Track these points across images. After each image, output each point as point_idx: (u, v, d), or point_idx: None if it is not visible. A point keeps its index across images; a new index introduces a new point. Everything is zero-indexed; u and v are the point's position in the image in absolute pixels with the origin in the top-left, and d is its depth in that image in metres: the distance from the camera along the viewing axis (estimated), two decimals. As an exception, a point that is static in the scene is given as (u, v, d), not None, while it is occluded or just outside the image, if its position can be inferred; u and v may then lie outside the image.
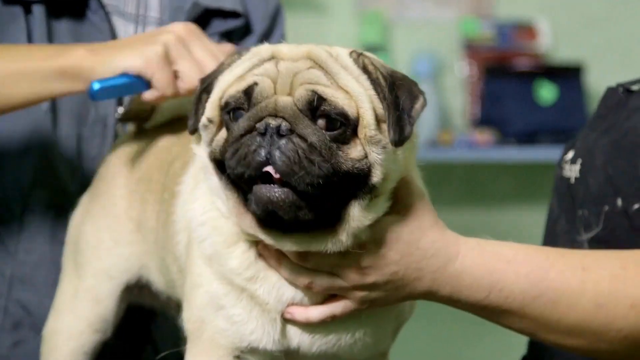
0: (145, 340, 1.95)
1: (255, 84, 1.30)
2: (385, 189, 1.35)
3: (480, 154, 4.10)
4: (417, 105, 1.33)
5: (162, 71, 1.62)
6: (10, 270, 1.86)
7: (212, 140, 1.34)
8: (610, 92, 1.69)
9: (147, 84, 1.65)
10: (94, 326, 1.71)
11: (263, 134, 1.27)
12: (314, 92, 1.29)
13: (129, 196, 1.71)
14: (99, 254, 1.71)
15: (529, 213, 4.47)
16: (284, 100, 1.29)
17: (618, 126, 1.59)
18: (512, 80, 4.16)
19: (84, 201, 1.79)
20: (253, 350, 1.42)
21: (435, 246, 1.37)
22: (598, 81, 4.42)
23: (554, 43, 4.45)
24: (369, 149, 1.30)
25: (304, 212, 1.28)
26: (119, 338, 1.79)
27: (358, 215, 1.32)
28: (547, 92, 4.17)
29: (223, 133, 1.33)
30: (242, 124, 1.29)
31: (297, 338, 1.42)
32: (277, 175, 1.26)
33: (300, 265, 1.36)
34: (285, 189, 1.26)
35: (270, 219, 1.30)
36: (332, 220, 1.32)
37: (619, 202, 1.52)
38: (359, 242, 1.34)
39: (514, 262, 1.37)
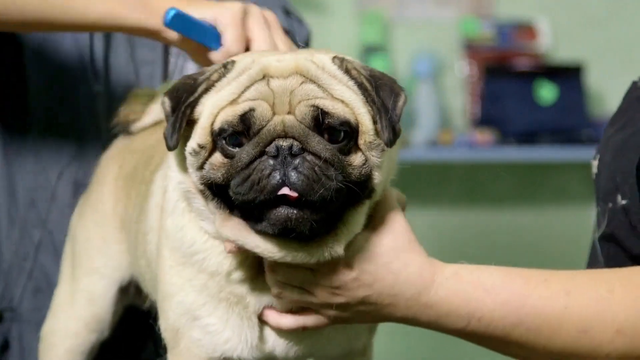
0: (147, 336, 1.95)
1: (252, 109, 1.28)
2: (380, 192, 1.36)
3: (480, 154, 4.10)
4: (400, 103, 1.33)
5: (236, 28, 1.60)
6: (39, 235, 1.89)
7: (202, 165, 1.32)
8: (633, 86, 1.64)
9: (218, 41, 1.62)
10: (90, 326, 1.71)
11: (275, 157, 1.26)
12: (317, 107, 1.28)
13: (117, 193, 1.71)
14: (90, 253, 1.71)
15: (529, 213, 4.47)
16: (290, 119, 1.28)
17: (633, 122, 1.56)
18: (512, 80, 4.16)
19: (80, 201, 1.80)
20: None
21: (409, 270, 1.34)
22: (598, 81, 4.42)
23: (554, 43, 4.45)
24: (368, 154, 1.31)
25: (317, 226, 1.28)
26: (119, 334, 1.79)
27: (356, 222, 1.33)
28: (547, 92, 4.17)
29: (218, 157, 1.31)
30: (249, 150, 1.27)
31: (274, 342, 1.42)
32: (294, 195, 1.25)
33: (271, 273, 1.36)
34: (300, 209, 1.26)
35: (281, 235, 1.29)
36: (330, 229, 1.32)
37: (619, 198, 1.50)
38: (331, 260, 1.33)
39: (491, 290, 1.34)
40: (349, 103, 1.31)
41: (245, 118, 1.28)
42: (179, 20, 1.58)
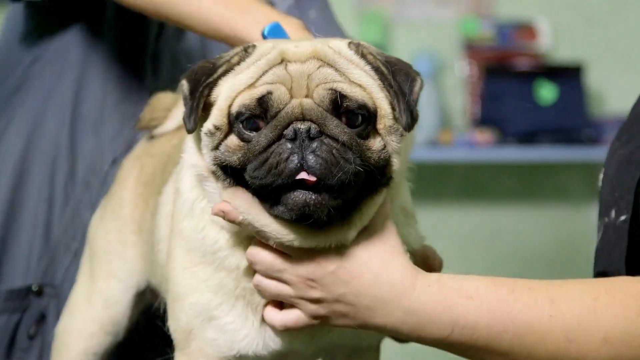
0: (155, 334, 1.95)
1: (270, 92, 1.28)
2: (397, 180, 1.35)
3: (480, 154, 4.09)
4: (417, 87, 1.34)
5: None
6: (89, 218, 1.89)
7: (217, 146, 1.32)
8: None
9: None
10: (106, 328, 1.72)
11: (293, 139, 1.25)
12: (335, 90, 1.28)
13: (136, 199, 1.72)
14: (109, 256, 1.72)
15: (529, 213, 4.47)
16: (308, 102, 1.28)
17: (638, 137, 1.52)
18: (512, 80, 4.16)
19: (102, 204, 1.80)
20: (242, 358, 1.41)
21: (389, 271, 1.32)
22: (598, 81, 4.42)
23: (554, 43, 4.45)
24: (388, 139, 1.31)
25: (335, 212, 1.27)
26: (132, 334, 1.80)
27: (371, 211, 1.32)
28: (547, 92, 4.17)
29: (234, 140, 1.31)
30: (267, 133, 1.27)
31: (290, 337, 1.41)
32: (312, 179, 1.24)
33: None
34: (319, 193, 1.25)
35: (297, 221, 1.28)
36: (346, 216, 1.32)
37: (613, 213, 1.47)
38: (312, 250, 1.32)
39: (475, 298, 1.31)
40: (367, 87, 1.31)
41: (263, 101, 1.28)
42: (274, 33, 1.62)
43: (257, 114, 1.29)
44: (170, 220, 1.50)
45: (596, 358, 1.29)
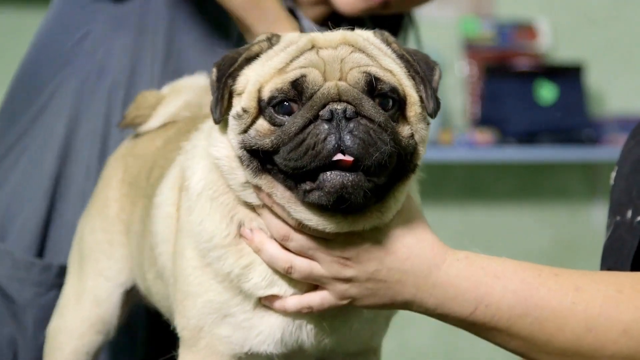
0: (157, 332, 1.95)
1: (304, 75, 1.29)
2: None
3: (480, 153, 4.09)
4: (436, 76, 1.39)
5: None
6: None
7: (246, 130, 1.31)
8: None
9: None
10: (96, 327, 1.71)
11: (329, 120, 1.25)
12: (369, 74, 1.30)
13: (121, 199, 1.72)
14: (97, 255, 1.72)
15: (529, 213, 4.47)
16: (343, 84, 1.28)
17: None
18: (512, 80, 4.16)
19: (89, 202, 1.80)
20: (253, 356, 1.41)
21: (422, 245, 1.34)
22: (598, 81, 4.42)
23: (554, 43, 4.45)
24: (417, 127, 1.33)
25: (370, 195, 1.27)
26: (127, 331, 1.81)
27: (402, 196, 1.33)
28: (547, 92, 4.17)
29: (264, 124, 1.31)
30: (303, 113, 1.27)
31: (305, 333, 1.41)
32: (350, 159, 1.24)
33: (282, 248, 1.35)
34: (356, 174, 1.25)
35: (333, 204, 1.28)
36: (378, 201, 1.32)
37: (629, 214, 1.46)
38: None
39: (502, 278, 1.32)
40: (396, 74, 1.33)
41: (297, 84, 1.29)
42: None
43: (290, 97, 1.29)
44: (171, 221, 1.50)
45: (614, 349, 1.30)
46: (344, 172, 1.25)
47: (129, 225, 1.68)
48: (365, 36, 1.36)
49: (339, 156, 1.24)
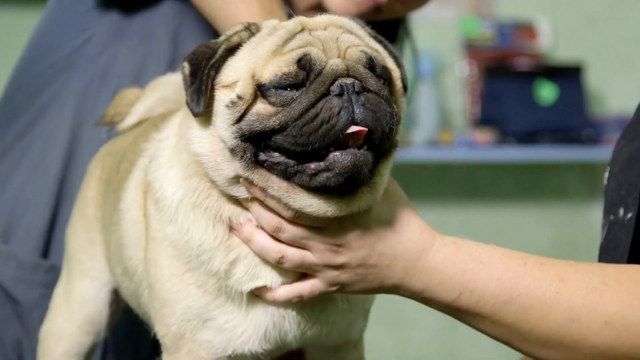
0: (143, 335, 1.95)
1: (306, 54, 1.30)
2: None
3: (480, 153, 4.10)
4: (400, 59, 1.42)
5: None
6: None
7: (241, 118, 1.30)
8: None
9: None
10: (84, 328, 1.71)
11: (340, 95, 1.28)
12: (365, 52, 1.33)
13: (97, 197, 1.71)
14: (80, 256, 1.72)
15: (528, 213, 4.47)
16: (349, 61, 1.31)
17: None
18: (512, 80, 4.16)
19: (75, 204, 1.80)
20: (237, 357, 1.41)
21: (411, 229, 1.35)
22: (598, 81, 4.42)
23: (554, 43, 4.45)
24: (400, 101, 1.37)
25: (370, 172, 1.30)
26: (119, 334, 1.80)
27: (387, 174, 1.36)
28: (547, 92, 4.17)
29: (265, 107, 1.30)
30: (315, 88, 1.28)
31: (287, 327, 1.41)
32: (364, 129, 1.26)
33: (272, 239, 1.35)
34: (364, 151, 1.28)
35: (341, 185, 1.28)
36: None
37: (621, 212, 1.47)
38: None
39: (488, 264, 1.33)
40: (381, 53, 1.38)
41: (303, 63, 1.30)
42: None
43: (299, 78, 1.29)
44: (139, 226, 1.49)
45: (596, 341, 1.30)
46: (354, 150, 1.27)
47: (103, 222, 1.68)
48: (346, 20, 1.39)
49: (352, 128, 1.26)
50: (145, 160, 1.50)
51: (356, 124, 1.26)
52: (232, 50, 1.34)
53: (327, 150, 1.27)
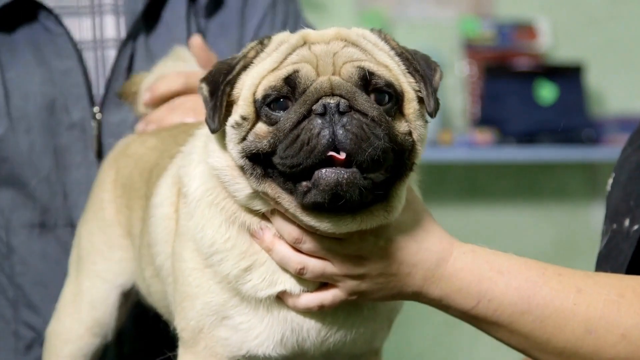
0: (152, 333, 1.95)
1: (296, 71, 1.28)
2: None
3: (480, 153, 4.10)
4: (437, 76, 1.37)
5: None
6: (13, 293, 1.89)
7: (245, 137, 1.30)
8: None
9: None
10: (92, 330, 1.70)
11: (322, 114, 1.24)
12: (362, 68, 1.28)
13: (116, 201, 1.71)
14: (94, 257, 1.71)
15: (528, 213, 4.47)
16: (336, 78, 1.27)
17: None
18: (512, 80, 4.16)
19: (87, 204, 1.80)
20: (251, 358, 1.41)
21: (430, 239, 1.35)
22: (598, 81, 4.42)
23: (554, 43, 4.45)
24: (415, 124, 1.32)
25: (366, 192, 1.26)
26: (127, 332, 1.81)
27: (403, 194, 1.33)
28: (547, 92, 4.17)
29: (263, 127, 1.29)
30: (296, 109, 1.26)
31: (307, 334, 1.40)
32: (342, 157, 1.22)
33: (294, 250, 1.35)
34: (351, 170, 1.23)
35: (328, 204, 1.26)
36: (377, 200, 1.31)
37: (627, 222, 1.46)
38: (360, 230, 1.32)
39: (506, 273, 1.33)
40: (392, 69, 1.32)
41: (290, 80, 1.28)
42: None
43: (284, 94, 1.28)
44: (169, 222, 1.49)
45: (612, 353, 1.30)
46: (338, 169, 1.23)
47: (130, 229, 1.68)
48: (360, 32, 1.35)
49: (332, 153, 1.23)
50: (180, 160, 1.51)
51: (336, 146, 1.23)
52: (247, 66, 1.34)
53: (319, 168, 1.25)
